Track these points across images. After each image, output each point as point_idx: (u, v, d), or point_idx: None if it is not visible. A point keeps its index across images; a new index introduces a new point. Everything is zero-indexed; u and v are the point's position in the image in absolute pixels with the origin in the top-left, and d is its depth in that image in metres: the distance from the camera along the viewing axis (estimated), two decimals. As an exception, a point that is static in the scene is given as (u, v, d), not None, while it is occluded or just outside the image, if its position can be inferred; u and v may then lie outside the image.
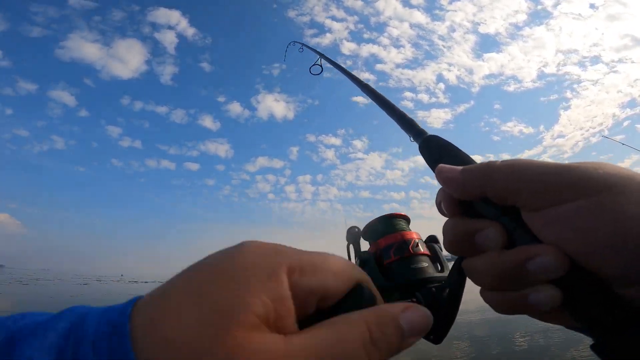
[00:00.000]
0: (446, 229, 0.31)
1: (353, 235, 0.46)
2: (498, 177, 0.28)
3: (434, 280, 0.39)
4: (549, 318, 0.28)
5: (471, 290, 0.34)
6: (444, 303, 0.35)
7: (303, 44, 2.02)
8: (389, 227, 0.44)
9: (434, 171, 0.34)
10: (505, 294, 0.28)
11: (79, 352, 0.18)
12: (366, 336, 0.20)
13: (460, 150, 0.39)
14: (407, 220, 0.46)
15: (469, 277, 0.31)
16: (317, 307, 0.22)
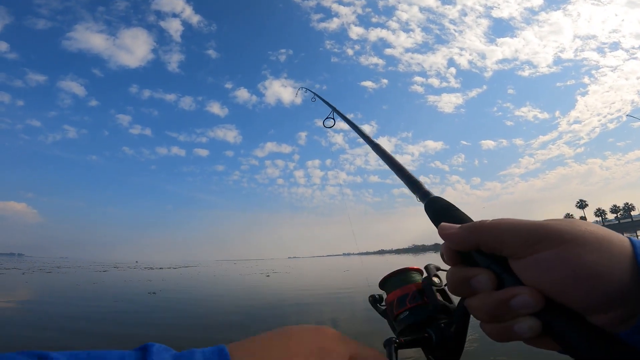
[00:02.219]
0: (448, 276, 0.40)
1: (373, 300, 0.57)
2: (488, 233, 0.36)
3: (441, 317, 0.47)
4: (537, 343, 0.34)
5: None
6: (452, 337, 0.44)
7: (315, 94, 2.04)
8: (404, 280, 0.53)
9: (437, 227, 0.43)
10: (497, 326, 0.35)
11: None
12: None
13: (459, 209, 0.48)
14: (420, 272, 0.55)
15: (471, 313, 0.39)
16: None
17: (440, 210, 0.49)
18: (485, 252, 0.36)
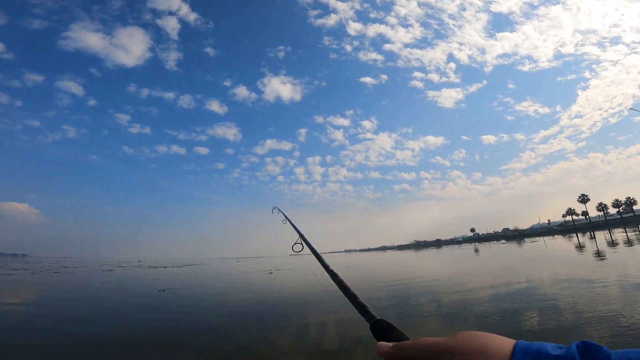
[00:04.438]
0: None
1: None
2: (410, 351, 0.48)
3: None
4: None
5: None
6: None
7: (286, 217, 2.34)
8: None
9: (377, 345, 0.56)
10: None
11: None
12: None
13: (397, 329, 0.62)
14: None
15: None
16: None
17: (381, 330, 0.64)
18: None
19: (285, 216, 2.40)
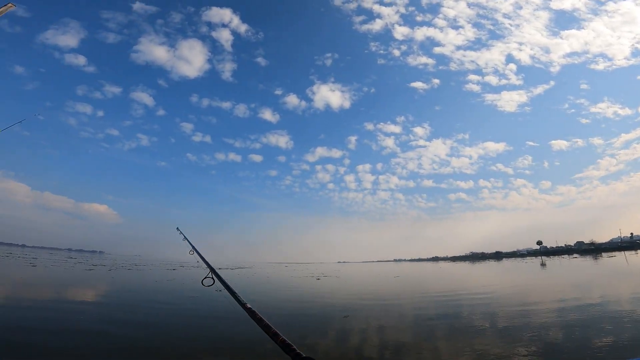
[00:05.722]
0: None
1: None
2: None
3: None
4: None
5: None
6: None
7: (193, 247, 2.35)
8: None
9: None
10: None
11: None
12: None
13: None
14: None
15: None
16: None
17: None
18: None
19: (192, 245, 2.42)
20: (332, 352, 5.42)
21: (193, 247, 2.36)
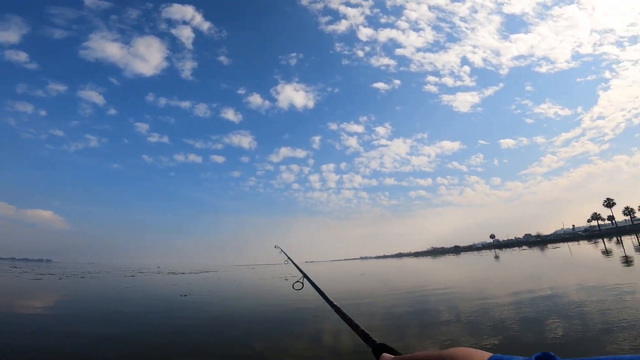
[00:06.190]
0: None
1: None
2: None
3: None
4: None
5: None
6: None
7: (289, 258, 2.43)
8: None
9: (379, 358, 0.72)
10: None
11: None
12: None
13: (396, 350, 0.76)
14: None
15: None
16: None
17: (383, 350, 0.78)
18: None
19: (288, 257, 2.51)
20: (305, 353, 5.41)
21: (289, 257, 2.55)
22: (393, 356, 0.66)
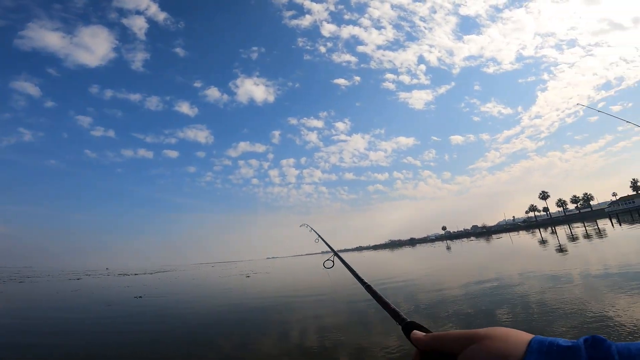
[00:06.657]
0: None
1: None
2: (442, 339, 0.57)
3: None
4: None
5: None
6: None
7: (319, 235, 2.47)
8: None
9: (410, 336, 0.67)
10: None
11: None
12: None
13: (426, 328, 0.71)
14: None
15: None
16: None
17: (413, 327, 0.75)
18: (441, 351, 0.56)
19: (319, 234, 2.54)
20: (272, 351, 5.44)
21: (319, 235, 2.52)
22: (424, 333, 0.63)
